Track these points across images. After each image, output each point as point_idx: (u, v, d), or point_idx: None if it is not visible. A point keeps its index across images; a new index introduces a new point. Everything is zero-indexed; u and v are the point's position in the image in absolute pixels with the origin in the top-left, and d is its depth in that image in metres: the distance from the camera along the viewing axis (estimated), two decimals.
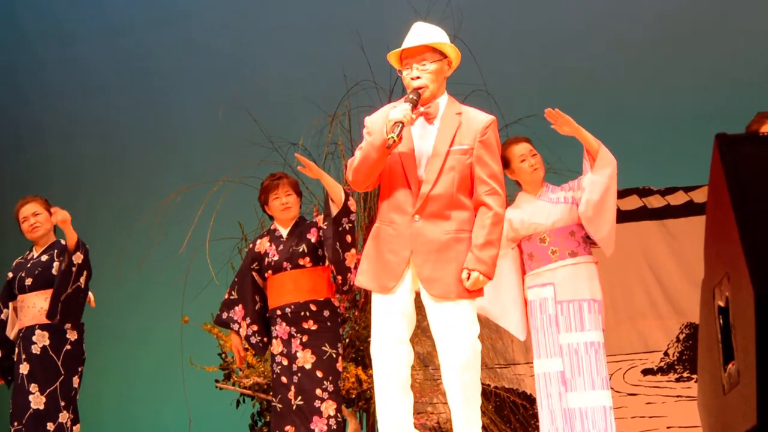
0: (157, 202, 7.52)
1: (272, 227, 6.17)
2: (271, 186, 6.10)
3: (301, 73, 8.59)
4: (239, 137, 7.70)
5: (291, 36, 8.83)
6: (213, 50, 9.03)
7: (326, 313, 5.96)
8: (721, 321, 3.30)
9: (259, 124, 7.63)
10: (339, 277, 5.92)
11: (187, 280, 7.25)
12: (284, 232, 6.10)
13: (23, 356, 6.06)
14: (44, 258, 6.19)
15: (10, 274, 6.26)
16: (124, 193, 8.75)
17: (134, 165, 9.02)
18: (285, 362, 5.96)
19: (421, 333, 6.80)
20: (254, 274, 6.12)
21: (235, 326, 6.08)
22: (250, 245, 6.23)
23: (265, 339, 6.08)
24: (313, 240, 6.00)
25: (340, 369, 6.00)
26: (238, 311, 6.09)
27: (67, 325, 6.07)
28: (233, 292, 6.13)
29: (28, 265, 6.20)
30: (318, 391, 5.87)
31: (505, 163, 5.70)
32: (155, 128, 9.06)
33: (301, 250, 5.98)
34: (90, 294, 6.17)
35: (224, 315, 6.11)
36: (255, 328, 6.07)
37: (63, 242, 6.22)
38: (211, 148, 8.52)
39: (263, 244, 6.12)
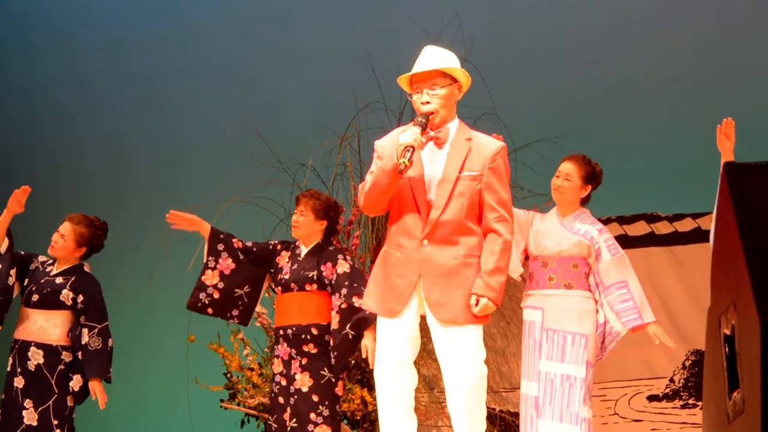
0: (165, 221, 7.54)
1: (297, 243, 6.16)
2: (296, 200, 6.12)
3: (311, 94, 8.60)
4: (248, 157, 7.71)
5: (301, 57, 8.84)
6: (223, 71, 9.05)
7: (327, 337, 5.94)
8: (726, 349, 3.29)
9: (268, 145, 7.63)
10: None
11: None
12: (304, 250, 6.08)
13: (18, 370, 6.07)
14: (58, 280, 6.17)
15: (27, 281, 6.24)
16: (133, 213, 8.75)
17: (144, 184, 9.03)
18: (284, 383, 5.96)
19: (427, 356, 6.78)
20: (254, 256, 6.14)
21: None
22: (279, 244, 6.22)
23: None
24: (325, 274, 5.97)
25: (340, 393, 5.97)
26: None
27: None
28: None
29: (42, 279, 6.18)
30: (312, 416, 5.85)
31: None
32: (164, 148, 9.08)
33: (311, 275, 5.96)
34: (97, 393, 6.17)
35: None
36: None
37: (85, 269, 6.24)
38: (219, 168, 8.53)
39: (283, 257, 6.10)
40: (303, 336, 5.94)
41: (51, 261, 6.26)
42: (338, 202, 6.32)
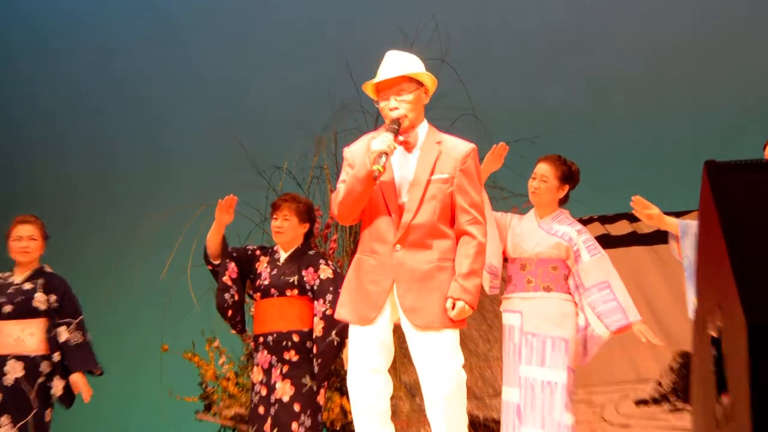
0: (138, 228, 7.48)
1: (274, 248, 6.05)
2: (275, 206, 6.00)
3: (288, 97, 8.59)
4: (224, 161, 7.68)
5: (278, 60, 8.83)
6: (200, 74, 9.04)
7: (309, 344, 5.83)
8: (713, 351, 3.23)
9: (244, 148, 7.59)
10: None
11: (168, 306, 7.19)
12: (283, 256, 5.97)
13: None
14: (27, 287, 6.06)
15: None
16: (112, 218, 8.72)
17: (122, 189, 9.01)
18: (264, 392, 5.84)
19: (408, 362, 6.72)
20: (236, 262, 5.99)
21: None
22: (258, 249, 6.09)
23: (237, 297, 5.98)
24: (306, 279, 5.85)
25: (321, 402, 5.86)
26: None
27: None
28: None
29: (9, 290, 6.06)
30: (294, 425, 5.73)
31: None
32: (142, 153, 9.07)
33: (291, 281, 5.85)
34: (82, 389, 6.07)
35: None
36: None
37: (47, 270, 6.13)
38: (195, 172, 8.50)
39: (262, 263, 5.99)
40: (284, 343, 5.83)
41: (10, 272, 6.16)
42: (314, 204, 6.25)
